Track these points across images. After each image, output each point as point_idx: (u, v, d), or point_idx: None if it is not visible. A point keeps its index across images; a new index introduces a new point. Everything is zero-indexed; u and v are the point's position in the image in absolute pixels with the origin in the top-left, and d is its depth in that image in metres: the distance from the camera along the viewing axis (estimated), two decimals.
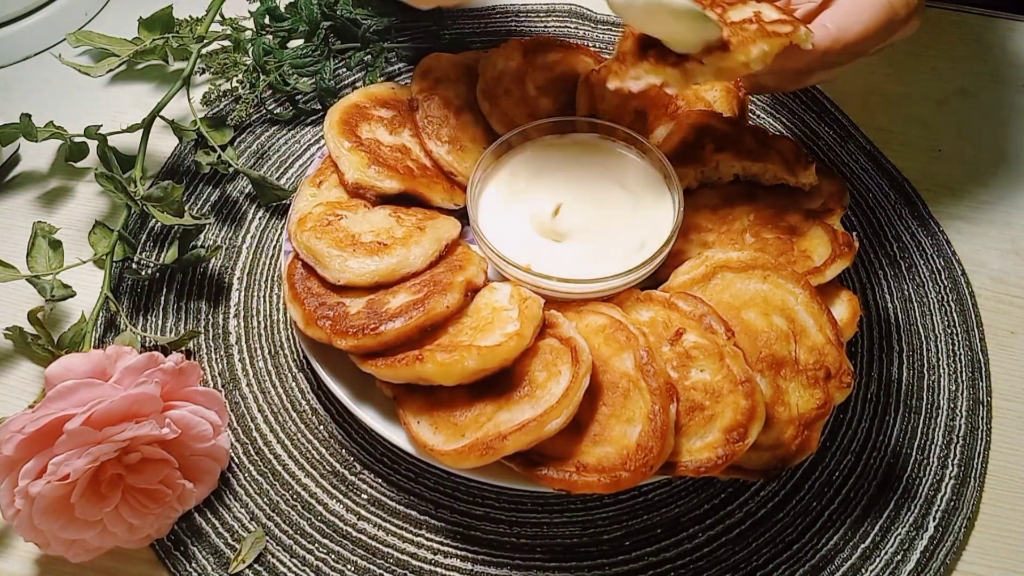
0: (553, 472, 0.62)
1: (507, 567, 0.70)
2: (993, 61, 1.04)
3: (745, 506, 0.73)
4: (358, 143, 0.77)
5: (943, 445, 0.76)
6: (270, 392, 0.78)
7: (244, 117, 0.95)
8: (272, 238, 0.88)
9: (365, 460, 0.75)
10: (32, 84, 1.01)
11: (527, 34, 1.03)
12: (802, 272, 0.71)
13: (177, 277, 0.85)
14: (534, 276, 0.70)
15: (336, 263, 0.70)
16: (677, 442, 0.63)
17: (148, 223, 0.88)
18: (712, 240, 0.75)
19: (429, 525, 0.72)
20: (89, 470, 0.62)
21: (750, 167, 0.76)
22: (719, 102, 0.83)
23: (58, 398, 0.64)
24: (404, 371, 0.65)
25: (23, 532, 0.64)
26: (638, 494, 0.73)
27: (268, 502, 0.73)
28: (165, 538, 0.70)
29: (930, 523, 0.72)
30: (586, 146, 0.79)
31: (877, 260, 0.87)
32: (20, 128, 0.87)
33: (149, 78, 1.02)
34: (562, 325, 0.67)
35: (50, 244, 0.80)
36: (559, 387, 0.63)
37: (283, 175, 0.93)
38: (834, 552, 0.70)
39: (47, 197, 0.92)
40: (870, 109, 0.99)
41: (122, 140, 0.89)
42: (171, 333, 0.81)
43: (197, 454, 0.69)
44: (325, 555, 0.70)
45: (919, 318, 0.83)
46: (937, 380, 0.79)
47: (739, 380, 0.63)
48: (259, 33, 0.99)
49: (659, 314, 0.69)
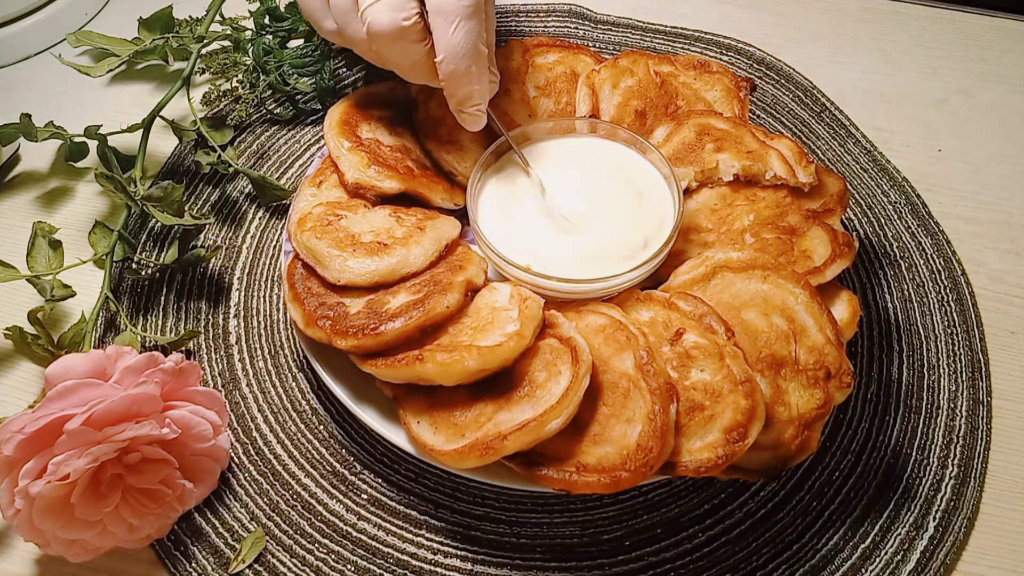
0: (553, 472, 0.62)
1: (507, 567, 0.70)
2: (993, 61, 1.04)
3: (745, 506, 0.73)
4: (358, 143, 0.77)
5: (943, 445, 0.76)
6: (270, 392, 0.78)
7: (244, 117, 0.95)
8: (272, 238, 0.88)
9: (365, 460, 0.75)
10: (32, 84, 1.01)
11: (527, 34, 1.03)
12: (802, 272, 0.71)
13: (177, 277, 0.85)
14: (534, 276, 0.70)
15: (336, 263, 0.70)
16: (677, 442, 0.63)
17: (148, 223, 0.88)
18: (712, 240, 0.75)
19: (429, 525, 0.72)
20: (89, 470, 0.62)
21: (750, 167, 0.76)
22: (719, 102, 0.83)
23: (58, 398, 0.64)
24: (404, 371, 0.65)
25: (23, 532, 0.64)
26: (638, 494, 0.73)
27: (268, 502, 0.73)
28: (165, 538, 0.70)
29: (930, 523, 0.72)
30: (586, 146, 0.79)
31: (877, 260, 0.87)
32: (20, 128, 0.87)
33: (149, 78, 1.02)
34: (562, 325, 0.67)
35: (50, 244, 0.80)
36: (559, 387, 0.62)
37: (283, 175, 0.93)
38: (834, 552, 0.70)
39: (47, 197, 0.92)
40: (870, 109, 0.99)
41: (122, 140, 0.89)
42: (171, 333, 0.81)
43: (197, 454, 0.69)
44: (325, 555, 0.70)
45: (919, 318, 0.83)
46: (937, 380, 0.79)
47: (739, 380, 0.63)
48: (259, 33, 0.99)
49: (659, 314, 0.69)
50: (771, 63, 1.03)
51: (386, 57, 0.72)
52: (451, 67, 0.70)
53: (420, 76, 0.73)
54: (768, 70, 1.02)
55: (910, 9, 1.10)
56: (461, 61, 0.69)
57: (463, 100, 0.72)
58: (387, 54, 0.71)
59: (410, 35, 0.69)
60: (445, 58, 0.69)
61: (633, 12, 1.07)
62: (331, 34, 0.76)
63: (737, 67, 1.02)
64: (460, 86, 0.71)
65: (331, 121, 0.79)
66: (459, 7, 0.68)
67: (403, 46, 0.70)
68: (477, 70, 0.70)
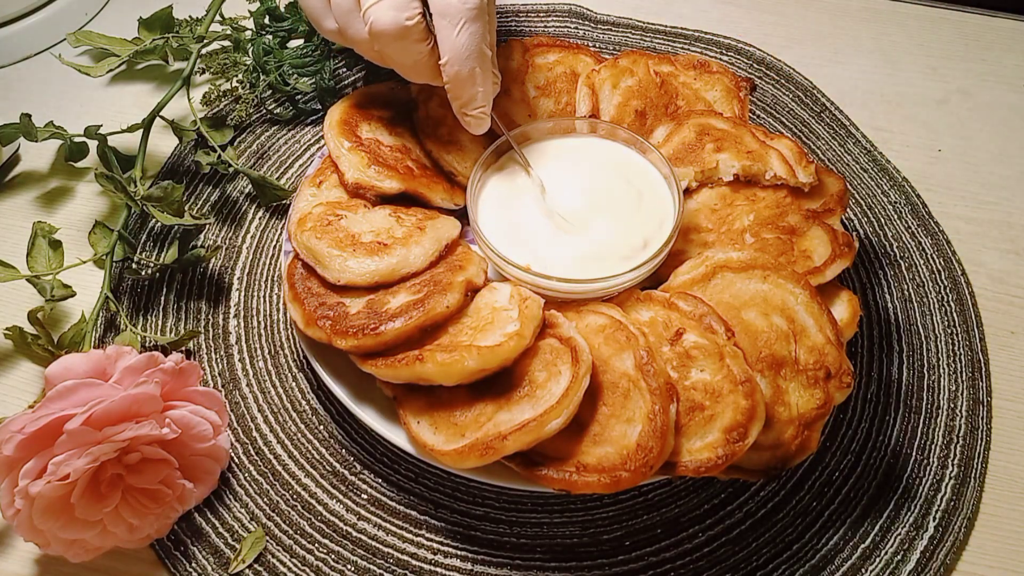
0: (553, 472, 0.62)
1: (507, 567, 0.70)
2: (993, 61, 1.04)
3: (745, 506, 0.73)
4: (358, 143, 0.77)
5: (943, 445, 0.76)
6: (270, 392, 0.78)
7: (244, 117, 0.95)
8: (272, 238, 0.88)
9: (365, 460, 0.75)
10: (32, 84, 1.01)
11: (527, 34, 1.03)
12: (802, 272, 0.71)
13: (177, 277, 0.85)
14: (534, 276, 0.70)
15: (336, 263, 0.70)
16: (677, 442, 0.63)
17: (148, 223, 0.88)
18: (712, 240, 0.75)
19: (429, 525, 0.72)
20: (89, 470, 0.62)
21: (750, 167, 0.76)
22: (719, 102, 0.83)
23: (58, 398, 0.64)
24: (404, 371, 0.65)
25: (23, 532, 0.64)
26: (638, 494, 0.73)
27: (268, 502, 0.73)
28: (165, 538, 0.70)
29: (930, 523, 0.72)
30: (586, 146, 0.79)
31: (877, 260, 0.87)
32: (20, 128, 0.87)
33: (149, 78, 1.02)
34: (562, 325, 0.67)
35: (50, 244, 0.80)
36: (559, 387, 0.62)
37: (283, 175, 0.93)
38: (834, 552, 0.70)
39: (47, 197, 0.92)
40: (870, 109, 0.99)
41: (122, 140, 0.89)
42: (171, 333, 0.81)
43: (197, 454, 0.69)
44: (325, 555, 0.70)
45: (919, 318, 0.83)
46: (937, 380, 0.79)
47: (739, 380, 0.63)
48: (259, 33, 0.99)
49: (659, 314, 0.69)
50: (771, 63, 1.03)
51: (388, 57, 0.72)
52: (455, 69, 0.69)
53: (422, 76, 0.73)
54: (768, 70, 1.02)
55: (910, 9, 1.10)
56: (465, 63, 0.69)
57: (467, 103, 0.72)
58: (389, 53, 0.71)
59: (412, 35, 0.69)
60: (449, 60, 0.69)
61: (633, 12, 1.07)
62: (332, 34, 0.76)
63: (737, 67, 1.02)
64: (464, 89, 0.71)
65: (331, 121, 0.79)
66: (463, 9, 0.68)
67: (405, 46, 0.70)
68: (482, 72, 0.70)
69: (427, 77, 0.73)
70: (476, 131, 0.75)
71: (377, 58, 0.74)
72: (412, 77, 0.74)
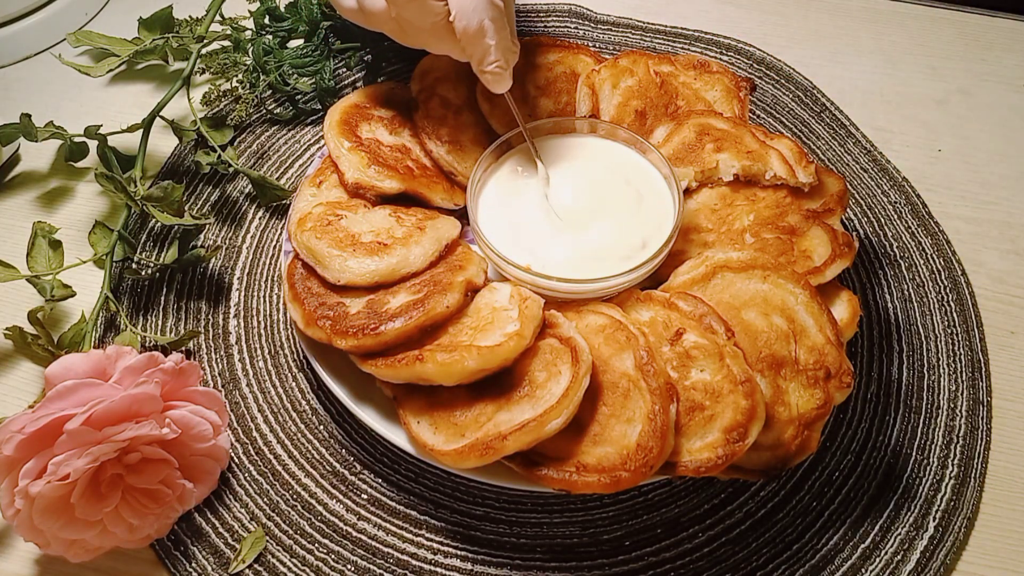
0: (553, 472, 0.62)
1: (507, 567, 0.70)
2: (993, 61, 1.04)
3: (745, 506, 0.73)
4: (358, 143, 0.77)
5: (943, 445, 0.76)
6: (270, 392, 0.78)
7: (244, 117, 0.95)
8: (272, 238, 0.88)
9: (365, 460, 0.75)
10: (32, 84, 1.01)
11: (527, 34, 1.03)
12: (802, 272, 0.71)
13: (177, 277, 0.85)
14: (534, 276, 0.70)
15: (336, 263, 0.70)
16: (677, 442, 0.63)
17: (148, 223, 0.88)
18: (712, 240, 0.75)
19: (429, 525, 0.72)
20: (89, 470, 0.62)
21: (750, 167, 0.76)
22: (719, 102, 0.83)
23: (58, 398, 0.64)
24: (404, 371, 0.65)
25: (23, 532, 0.64)
26: (638, 494, 0.73)
27: (268, 502, 0.73)
28: (165, 538, 0.70)
29: (930, 523, 0.72)
30: (586, 146, 0.79)
31: (877, 260, 0.87)
32: (20, 128, 0.87)
33: (149, 78, 1.02)
34: (562, 325, 0.67)
35: (50, 244, 0.80)
36: (559, 387, 0.62)
37: (283, 175, 0.93)
38: (834, 552, 0.70)
39: (47, 197, 0.92)
40: (870, 109, 0.99)
41: (122, 140, 0.89)
42: (171, 333, 0.81)
43: (197, 454, 0.69)
44: (325, 555, 0.70)
45: (919, 318, 0.83)
46: (937, 380, 0.79)
47: (739, 380, 0.63)
48: (259, 33, 0.99)
49: (659, 314, 0.69)
50: (771, 63, 1.03)
51: (409, 25, 0.71)
52: (464, 23, 0.69)
53: (444, 42, 0.72)
54: (768, 70, 1.02)
55: (910, 9, 1.10)
56: (473, 16, 0.68)
57: (482, 58, 0.71)
58: (408, 17, 0.71)
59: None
60: (457, 14, 0.69)
61: (633, 12, 1.07)
62: (352, 12, 0.75)
63: (737, 67, 1.02)
64: (477, 43, 0.70)
65: (331, 121, 0.79)
66: None
67: (421, 5, 0.69)
68: (492, 24, 0.69)
69: (448, 45, 0.72)
70: (496, 89, 0.74)
71: (399, 32, 0.73)
72: (434, 47, 0.73)
